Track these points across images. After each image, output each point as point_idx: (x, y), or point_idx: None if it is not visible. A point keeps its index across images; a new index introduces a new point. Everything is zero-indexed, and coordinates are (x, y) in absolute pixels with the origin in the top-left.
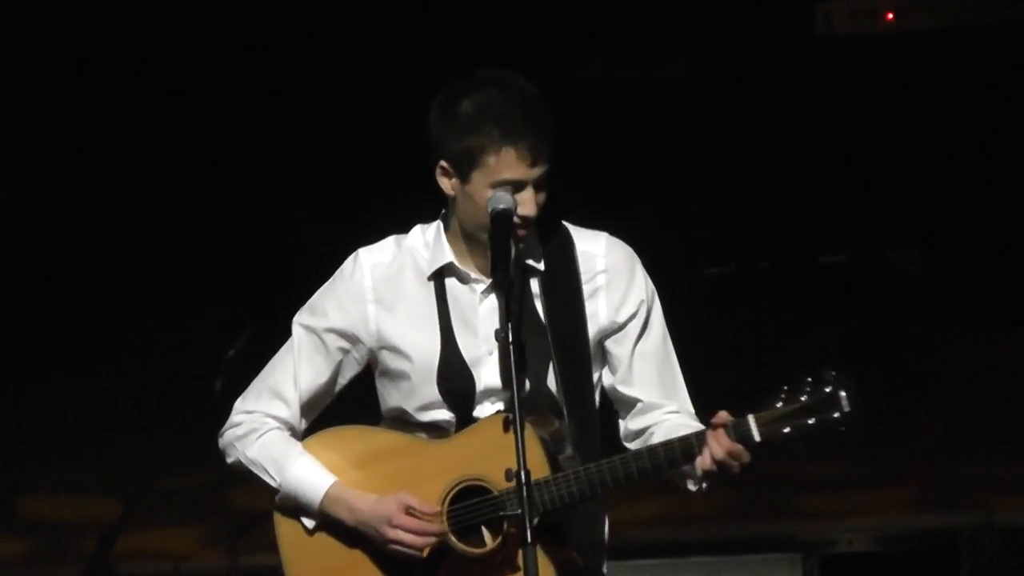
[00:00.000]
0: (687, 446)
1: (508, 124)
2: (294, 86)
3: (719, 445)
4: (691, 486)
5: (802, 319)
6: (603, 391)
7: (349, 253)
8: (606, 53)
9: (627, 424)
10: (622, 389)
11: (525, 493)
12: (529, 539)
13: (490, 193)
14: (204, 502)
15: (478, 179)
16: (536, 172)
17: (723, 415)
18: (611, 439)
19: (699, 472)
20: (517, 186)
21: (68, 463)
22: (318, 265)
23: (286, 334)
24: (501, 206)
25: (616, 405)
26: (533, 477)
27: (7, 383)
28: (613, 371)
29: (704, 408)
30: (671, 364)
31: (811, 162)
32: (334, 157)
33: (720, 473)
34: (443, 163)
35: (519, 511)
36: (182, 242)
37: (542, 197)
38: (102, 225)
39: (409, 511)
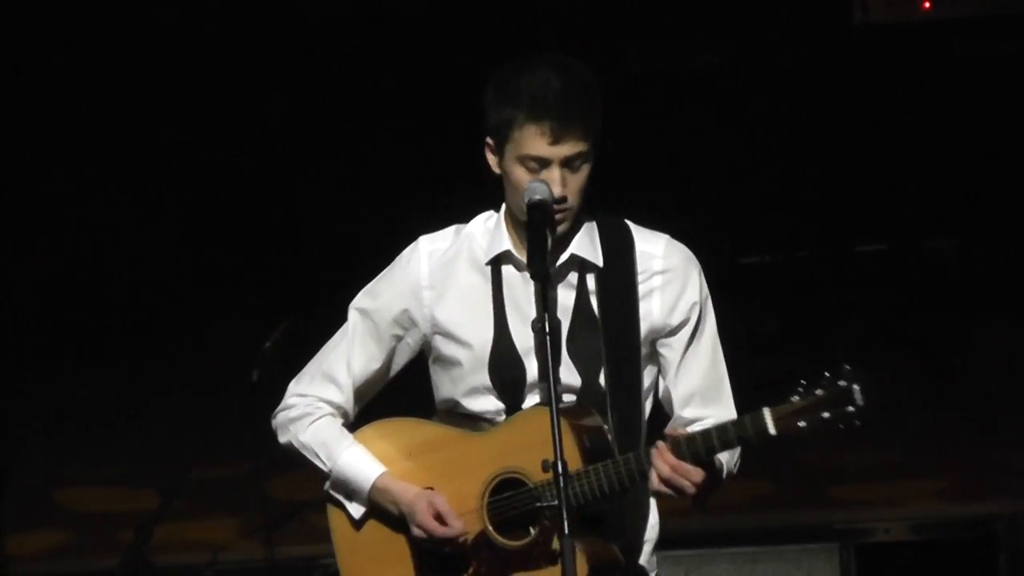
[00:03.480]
0: (639, 461)
1: (535, 99)
2: (339, 74)
3: (663, 462)
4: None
5: (839, 308)
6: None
7: (387, 246)
8: (640, 43)
9: (667, 429)
10: (666, 395)
11: (562, 485)
12: (567, 530)
13: (518, 170)
14: (241, 493)
15: (509, 153)
16: (559, 151)
17: (677, 431)
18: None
19: (652, 490)
20: (541, 163)
21: (105, 454)
22: (358, 257)
23: (325, 326)
24: (537, 197)
25: (663, 405)
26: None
27: (45, 374)
28: (663, 375)
29: (741, 397)
30: (718, 373)
31: (848, 151)
32: (379, 148)
33: (672, 492)
34: (488, 139)
35: (553, 503)
36: (220, 232)
37: (577, 181)
38: (140, 215)
39: (437, 516)
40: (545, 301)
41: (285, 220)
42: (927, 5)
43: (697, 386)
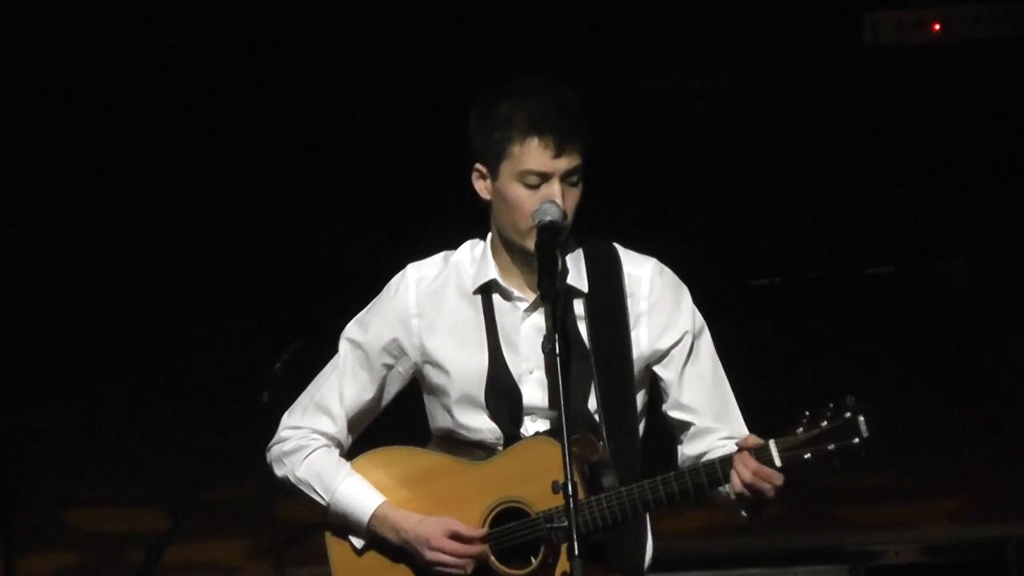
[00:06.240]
0: (711, 471)
1: (533, 114)
2: (345, 98)
3: (746, 467)
4: (742, 511)
5: (848, 330)
6: (657, 416)
7: (397, 267)
8: (650, 65)
9: (683, 449)
10: (674, 413)
11: (572, 506)
12: (576, 552)
13: (517, 188)
14: (251, 514)
15: (505, 171)
16: (561, 164)
17: (751, 439)
18: (654, 464)
19: (732, 496)
20: (542, 177)
21: (115, 474)
22: (366, 278)
23: (333, 347)
24: (548, 218)
25: (672, 430)
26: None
27: (54, 394)
28: (665, 396)
29: (750, 419)
30: (723, 389)
31: (857, 172)
32: (385, 170)
33: (753, 496)
34: (477, 165)
35: (554, 534)
36: (230, 252)
37: (573, 198)
38: (148, 234)
39: (453, 535)
40: (555, 321)
41: (298, 241)
42: (937, 28)
43: (703, 402)
